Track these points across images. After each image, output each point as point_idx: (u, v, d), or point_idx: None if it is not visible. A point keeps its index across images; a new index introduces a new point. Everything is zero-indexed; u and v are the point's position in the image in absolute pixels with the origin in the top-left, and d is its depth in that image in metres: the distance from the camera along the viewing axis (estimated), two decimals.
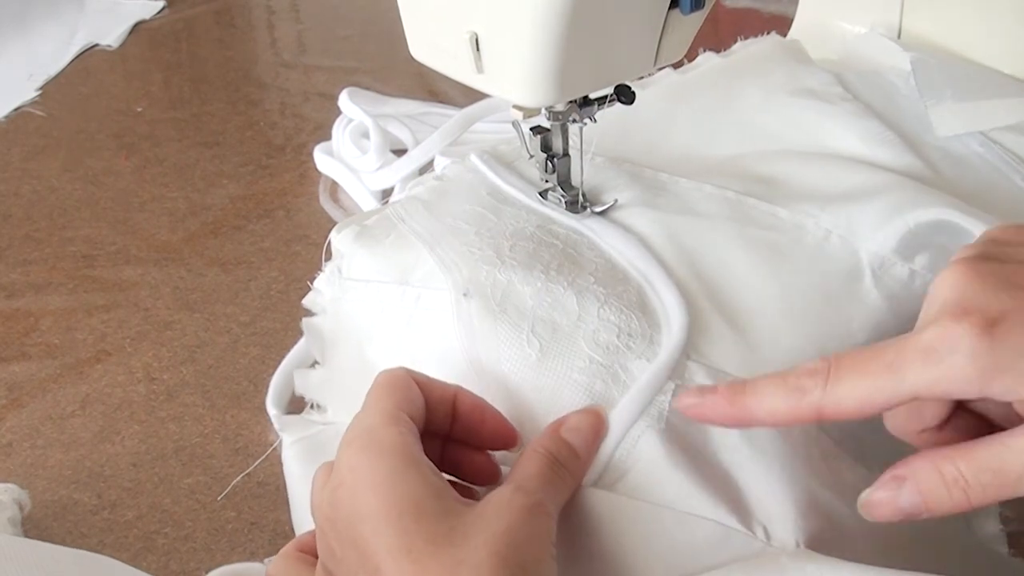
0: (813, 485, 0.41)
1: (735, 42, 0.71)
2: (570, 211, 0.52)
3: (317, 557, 0.39)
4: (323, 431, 0.54)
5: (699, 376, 0.43)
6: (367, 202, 0.85)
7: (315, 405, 0.57)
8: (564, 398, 0.42)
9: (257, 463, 0.61)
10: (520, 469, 0.38)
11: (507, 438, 0.42)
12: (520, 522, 0.34)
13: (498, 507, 0.35)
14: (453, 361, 0.46)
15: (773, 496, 0.40)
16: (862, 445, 0.45)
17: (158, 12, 1.31)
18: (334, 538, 0.36)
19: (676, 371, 0.42)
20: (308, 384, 0.57)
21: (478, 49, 0.45)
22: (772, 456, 0.41)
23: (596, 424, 0.41)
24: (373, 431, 0.37)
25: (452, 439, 0.42)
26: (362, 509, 0.35)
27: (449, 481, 0.38)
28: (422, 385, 0.40)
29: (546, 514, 0.36)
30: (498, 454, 0.43)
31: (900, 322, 0.47)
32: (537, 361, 0.43)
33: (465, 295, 0.47)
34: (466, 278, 0.48)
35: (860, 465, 0.45)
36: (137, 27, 1.27)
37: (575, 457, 0.39)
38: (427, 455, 0.37)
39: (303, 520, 0.51)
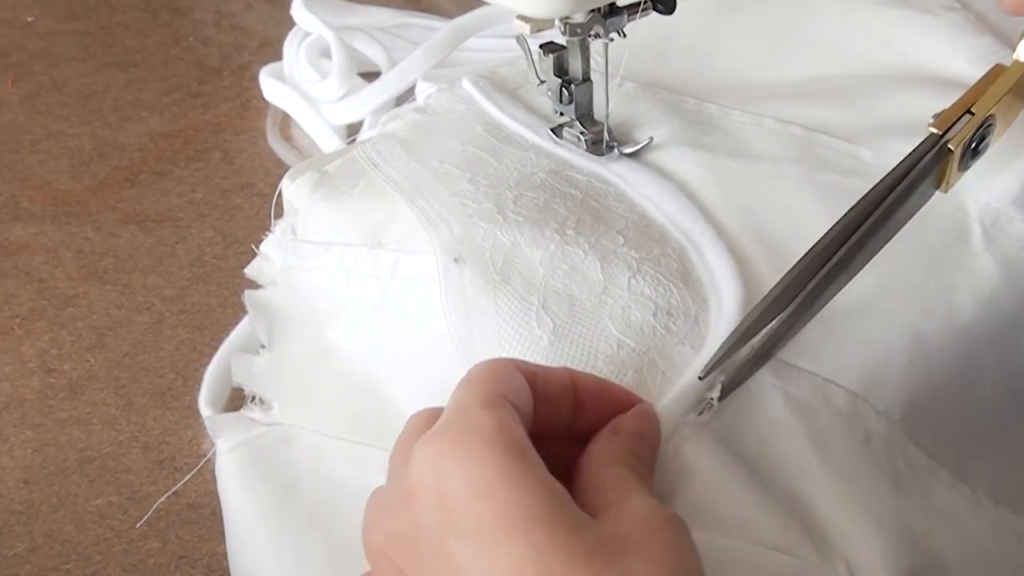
0: (905, 508, 0.41)
1: None
2: (592, 152, 0.52)
3: None
4: (267, 434, 0.54)
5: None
6: (328, 140, 0.85)
7: (258, 400, 0.57)
8: None
9: (186, 479, 0.61)
10: (624, 478, 0.36)
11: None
12: (686, 543, 0.33)
13: (646, 523, 0.33)
14: (439, 346, 0.46)
15: (854, 523, 0.40)
16: (963, 456, 0.45)
17: None
18: (412, 565, 0.35)
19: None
20: (250, 373, 0.57)
21: None
22: (850, 472, 0.41)
23: (656, 428, 0.40)
24: (468, 414, 0.35)
25: (574, 437, 0.40)
26: (462, 522, 0.33)
27: None
28: (533, 376, 0.39)
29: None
30: None
31: (1019, 297, 0.47)
32: (550, 346, 0.43)
33: (456, 260, 0.47)
34: (457, 238, 0.48)
35: (961, 483, 0.45)
36: None
37: (647, 472, 0.39)
38: None
39: (243, 552, 0.52)
